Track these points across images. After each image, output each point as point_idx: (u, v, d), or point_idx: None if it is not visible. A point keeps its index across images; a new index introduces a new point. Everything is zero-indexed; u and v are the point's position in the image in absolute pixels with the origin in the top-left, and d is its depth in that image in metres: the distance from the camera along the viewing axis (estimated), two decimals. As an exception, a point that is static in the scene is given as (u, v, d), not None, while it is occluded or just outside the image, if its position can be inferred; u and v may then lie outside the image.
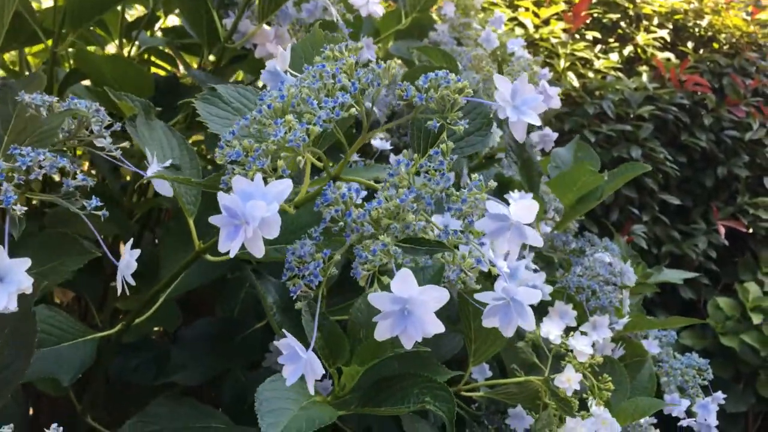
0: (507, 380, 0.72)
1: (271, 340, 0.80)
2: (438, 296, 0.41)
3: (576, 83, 2.51)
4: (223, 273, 0.75)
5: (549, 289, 0.79)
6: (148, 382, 0.77)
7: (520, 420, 0.71)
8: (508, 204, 0.46)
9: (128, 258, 0.51)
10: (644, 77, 2.63)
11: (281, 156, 0.42)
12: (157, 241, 0.96)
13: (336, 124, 0.45)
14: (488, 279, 0.67)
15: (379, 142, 0.88)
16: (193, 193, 0.58)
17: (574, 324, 0.78)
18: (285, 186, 0.39)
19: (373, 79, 0.44)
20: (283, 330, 0.43)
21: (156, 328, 0.95)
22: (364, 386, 0.56)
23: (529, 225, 0.44)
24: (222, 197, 0.39)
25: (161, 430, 0.64)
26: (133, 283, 0.52)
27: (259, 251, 0.39)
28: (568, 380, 0.66)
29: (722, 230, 2.51)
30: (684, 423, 1.01)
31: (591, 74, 2.59)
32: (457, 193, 0.44)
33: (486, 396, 0.74)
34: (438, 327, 0.42)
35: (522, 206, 0.44)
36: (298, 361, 0.43)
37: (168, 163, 0.53)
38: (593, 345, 0.72)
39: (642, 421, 0.88)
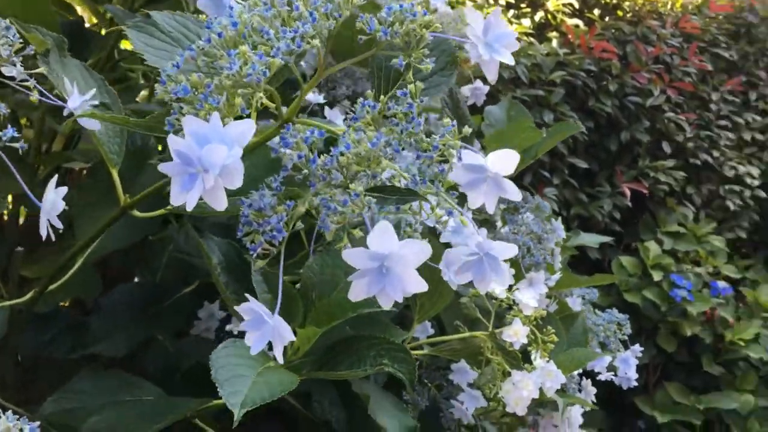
0: (451, 336, 0.71)
1: (200, 306, 0.75)
2: (420, 251, 0.38)
3: (490, 47, 2.53)
4: (150, 233, 0.69)
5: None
6: (64, 355, 0.70)
7: (464, 374, 0.70)
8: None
9: (53, 197, 0.44)
10: (554, 43, 2.68)
11: (238, 93, 0.37)
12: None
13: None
14: (433, 234, 0.65)
15: (312, 95, 0.83)
16: (117, 141, 0.52)
17: (512, 281, 0.77)
18: (247, 127, 0.34)
19: (332, 10, 0.40)
20: (247, 294, 0.39)
21: (69, 298, 0.87)
22: (317, 350, 0.53)
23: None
24: (174, 141, 0.34)
25: (85, 407, 0.58)
26: (60, 225, 0.45)
27: (220, 203, 0.35)
28: (516, 334, 0.65)
29: (627, 192, 2.63)
30: (602, 377, 1.04)
31: (505, 39, 2.61)
32: (428, 139, 0.41)
33: (429, 354, 0.72)
34: (421, 285, 0.39)
35: (501, 156, 0.41)
36: (264, 327, 0.39)
37: (92, 93, 0.46)
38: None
39: (574, 373, 0.90)
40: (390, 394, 0.66)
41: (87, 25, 0.96)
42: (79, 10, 1.02)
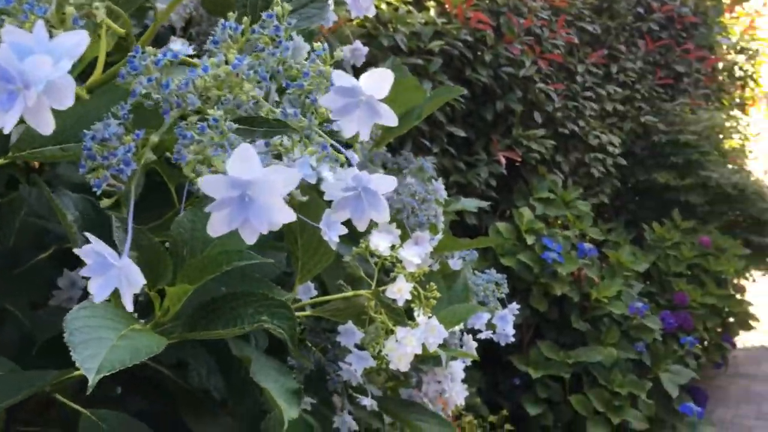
0: (334, 296, 0.69)
1: (60, 275, 0.68)
2: (287, 178, 0.34)
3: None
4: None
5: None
6: None
7: (351, 336, 0.69)
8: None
9: None
10: (432, 12, 2.70)
11: (69, 1, 0.32)
12: None
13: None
14: (315, 190, 0.62)
15: (181, 45, 0.78)
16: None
17: (398, 242, 0.76)
18: (79, 39, 0.30)
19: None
20: (87, 234, 0.34)
21: None
22: (189, 311, 0.49)
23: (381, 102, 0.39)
24: (-13, 55, 0.28)
25: None
26: None
27: (45, 125, 0.30)
28: (399, 290, 0.64)
29: (503, 160, 2.72)
30: (482, 336, 1.07)
31: (384, 6, 2.59)
32: (298, 65, 0.38)
33: (313, 315, 0.70)
34: (288, 215, 0.35)
35: (374, 77, 0.38)
36: (109, 272, 0.34)
37: None
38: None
39: (456, 329, 0.91)
40: (273, 359, 0.63)
41: None
42: None
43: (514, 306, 1.14)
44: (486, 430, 2.29)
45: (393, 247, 0.72)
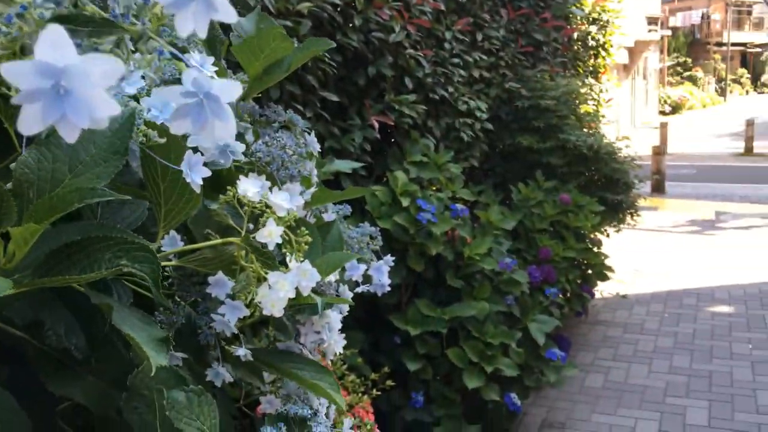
0: (201, 245, 0.67)
1: None
2: (108, 69, 0.30)
3: (235, -26, 2.42)
4: None
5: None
6: None
7: (222, 286, 0.68)
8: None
9: None
10: (300, -26, 2.65)
11: None
12: None
13: None
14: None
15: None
16: None
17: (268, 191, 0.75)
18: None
19: None
20: None
21: None
22: (40, 258, 0.46)
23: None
24: None
25: None
26: None
27: None
28: (270, 234, 0.64)
29: (376, 125, 2.75)
30: (360, 289, 1.09)
31: (250, -34, 2.52)
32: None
33: (180, 265, 0.68)
34: (112, 107, 0.31)
35: None
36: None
37: None
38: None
39: (332, 279, 0.92)
40: (138, 310, 0.61)
41: None
42: None
43: (389, 258, 1.16)
44: (368, 387, 2.34)
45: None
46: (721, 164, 12.16)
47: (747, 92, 34.02)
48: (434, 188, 3.10)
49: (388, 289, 1.16)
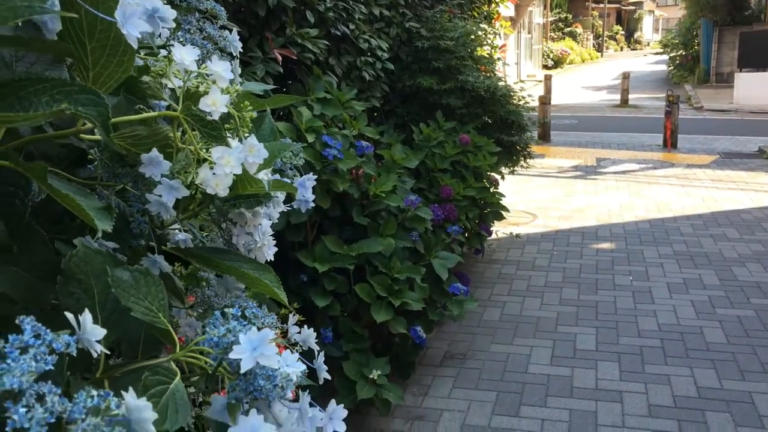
0: (133, 117, 0.61)
1: None
2: None
3: None
4: None
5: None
6: None
7: (157, 165, 0.62)
8: None
9: None
10: None
11: None
12: None
13: None
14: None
15: None
16: None
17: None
18: None
19: None
20: None
21: None
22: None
23: None
24: None
25: None
26: None
27: None
28: (214, 103, 0.59)
29: (279, 58, 2.65)
30: (282, 209, 1.06)
31: None
32: None
33: (111, 139, 0.62)
34: None
35: None
36: None
37: None
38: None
39: (263, 177, 0.88)
40: (73, 182, 0.55)
41: None
42: None
43: (311, 176, 1.13)
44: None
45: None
46: (600, 115, 12.84)
47: (621, 48, 35.97)
48: (338, 125, 3.06)
49: (312, 205, 1.14)
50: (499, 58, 4.76)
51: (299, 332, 0.73)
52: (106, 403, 0.41)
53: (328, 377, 0.69)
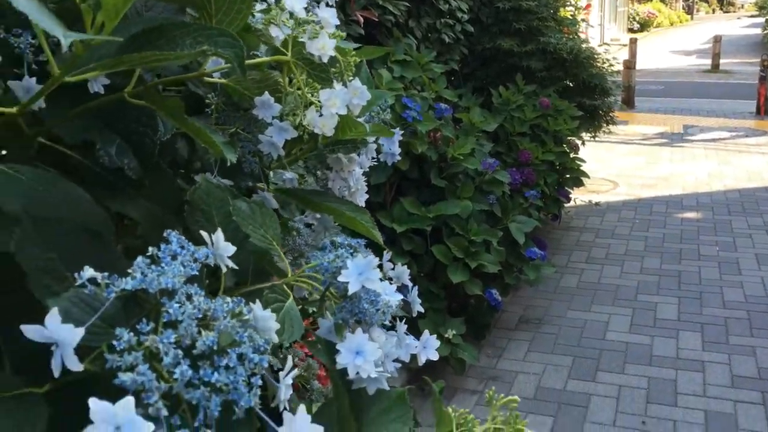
0: (248, 62, 0.65)
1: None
2: None
3: None
4: None
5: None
6: None
7: (268, 108, 0.67)
8: None
9: None
10: None
11: None
12: None
13: None
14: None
15: None
16: None
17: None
18: None
19: None
20: None
21: None
22: (120, 44, 0.45)
23: None
24: None
25: None
26: None
27: None
28: (323, 47, 0.63)
29: (361, 20, 2.68)
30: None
31: None
32: None
33: (225, 83, 0.67)
34: None
35: None
36: None
37: None
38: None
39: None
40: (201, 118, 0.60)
41: None
42: None
43: (398, 130, 1.16)
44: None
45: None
46: (688, 81, 12.26)
47: (713, 11, 33.99)
48: (417, 87, 3.07)
49: (398, 158, 1.17)
50: (582, 20, 4.63)
51: (393, 269, 0.77)
52: (239, 309, 0.46)
53: (422, 310, 0.73)
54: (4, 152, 0.59)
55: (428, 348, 0.68)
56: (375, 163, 1.17)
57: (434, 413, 0.66)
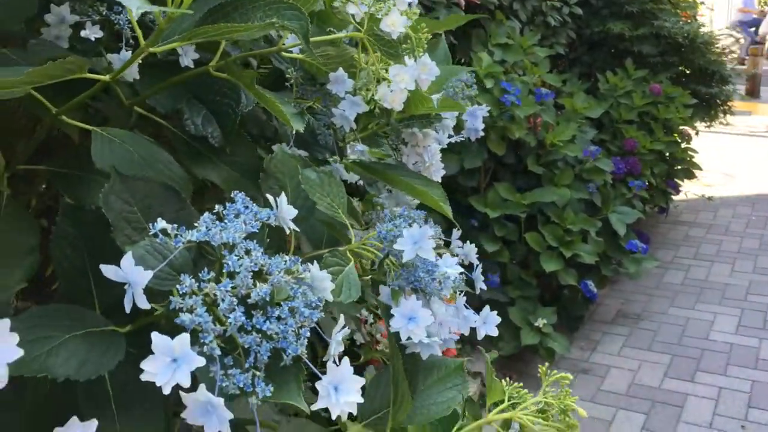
0: (324, 37, 0.69)
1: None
2: None
3: None
4: None
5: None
6: None
7: (342, 83, 0.70)
8: None
9: None
10: None
11: None
12: None
13: None
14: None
15: None
16: None
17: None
18: None
19: None
20: None
21: None
22: (196, 17, 0.49)
23: None
24: None
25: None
26: None
27: None
28: (393, 24, 0.65)
29: (462, 3, 2.67)
30: (453, 139, 1.10)
31: None
32: None
33: (301, 59, 0.71)
34: None
35: None
36: None
37: None
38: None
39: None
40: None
41: None
42: None
43: (484, 107, 1.16)
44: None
45: None
46: (826, 68, 11.25)
47: None
48: (519, 72, 3.02)
49: (481, 134, 1.17)
50: (701, 2, 4.37)
51: (461, 247, 0.79)
52: (295, 267, 0.50)
53: (484, 287, 0.74)
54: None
55: (488, 323, 0.69)
56: (461, 139, 1.17)
57: (486, 382, 0.67)
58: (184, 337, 0.40)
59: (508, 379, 0.71)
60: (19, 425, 0.54)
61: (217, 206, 0.49)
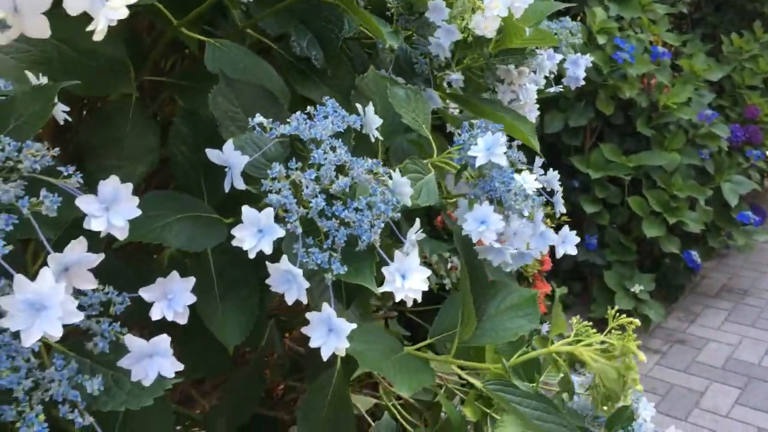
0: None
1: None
2: None
3: None
4: None
5: None
6: None
7: (439, 12, 0.73)
8: None
9: None
10: None
11: None
12: None
13: None
14: None
15: None
16: None
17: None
18: None
19: None
20: None
21: None
22: None
23: None
24: None
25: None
26: None
27: None
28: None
29: (577, -47, 2.58)
30: (553, 89, 1.10)
31: None
32: None
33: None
34: None
35: None
36: None
37: None
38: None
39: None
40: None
41: None
42: None
43: (588, 57, 1.15)
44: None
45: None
46: None
47: None
48: (635, 29, 2.89)
49: (582, 83, 1.16)
50: None
51: (544, 174, 0.80)
52: (377, 169, 0.54)
53: (563, 210, 0.76)
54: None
55: (567, 243, 0.72)
56: (560, 90, 1.17)
57: (552, 316, 0.70)
58: (269, 211, 0.46)
59: (578, 317, 0.73)
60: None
61: (309, 107, 0.54)
